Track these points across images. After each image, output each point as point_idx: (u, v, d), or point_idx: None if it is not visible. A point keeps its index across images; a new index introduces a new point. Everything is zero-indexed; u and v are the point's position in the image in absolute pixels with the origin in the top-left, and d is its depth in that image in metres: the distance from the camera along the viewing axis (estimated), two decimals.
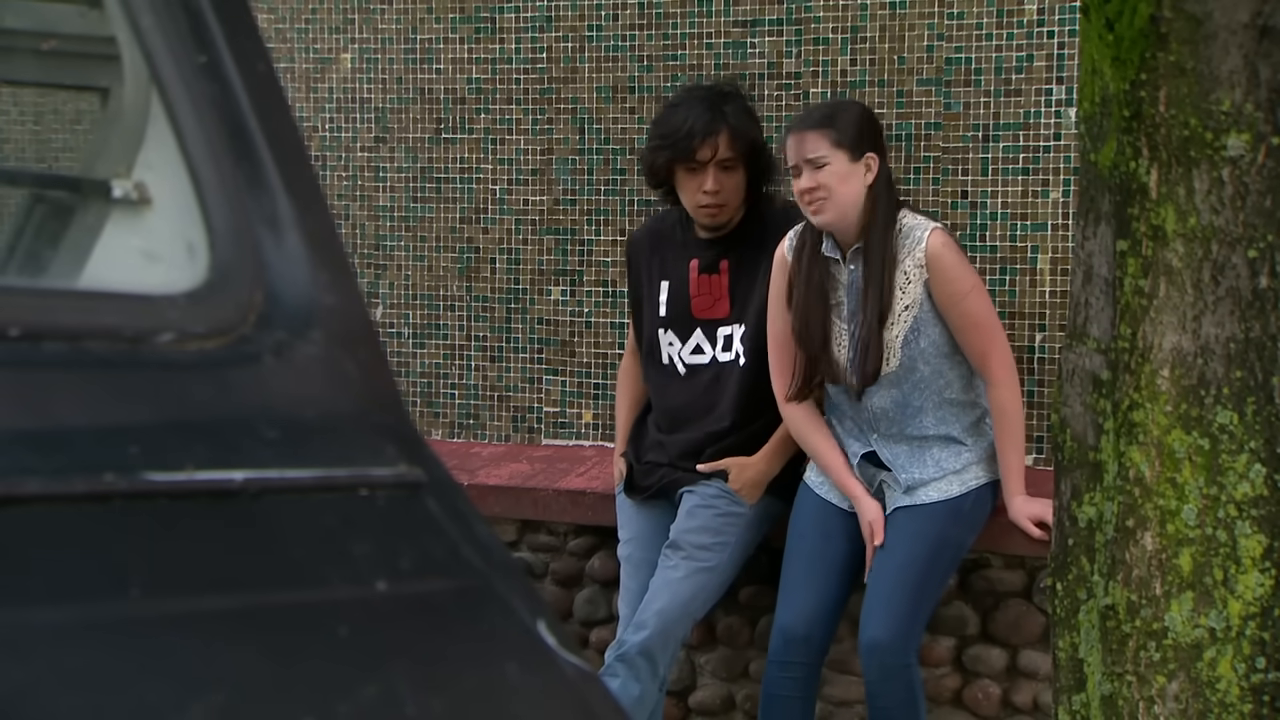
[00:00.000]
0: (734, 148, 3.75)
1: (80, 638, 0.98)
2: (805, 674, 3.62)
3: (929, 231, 3.49)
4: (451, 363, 4.61)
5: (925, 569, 3.54)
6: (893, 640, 3.45)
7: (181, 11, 1.25)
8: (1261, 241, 2.23)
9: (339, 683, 1.07)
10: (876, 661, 3.46)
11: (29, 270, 1.44)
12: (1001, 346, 3.53)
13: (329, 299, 1.25)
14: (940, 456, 3.58)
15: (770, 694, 3.63)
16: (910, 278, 3.49)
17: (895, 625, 3.46)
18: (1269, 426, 2.25)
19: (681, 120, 3.74)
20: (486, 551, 1.23)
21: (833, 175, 3.47)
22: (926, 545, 3.54)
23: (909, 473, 3.58)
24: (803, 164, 3.49)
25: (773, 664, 3.62)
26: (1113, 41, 2.26)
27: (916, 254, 3.48)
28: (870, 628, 3.48)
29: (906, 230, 3.50)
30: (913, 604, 3.50)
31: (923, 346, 3.51)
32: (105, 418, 1.11)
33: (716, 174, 3.74)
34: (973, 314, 3.50)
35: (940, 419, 3.58)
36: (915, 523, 3.56)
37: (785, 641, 3.60)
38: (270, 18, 4.73)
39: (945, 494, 3.57)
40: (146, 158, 1.27)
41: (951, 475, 3.58)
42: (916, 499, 3.57)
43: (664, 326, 3.95)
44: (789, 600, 3.64)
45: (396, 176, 4.64)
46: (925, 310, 3.50)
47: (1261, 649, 2.27)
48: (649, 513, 3.91)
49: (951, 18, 3.94)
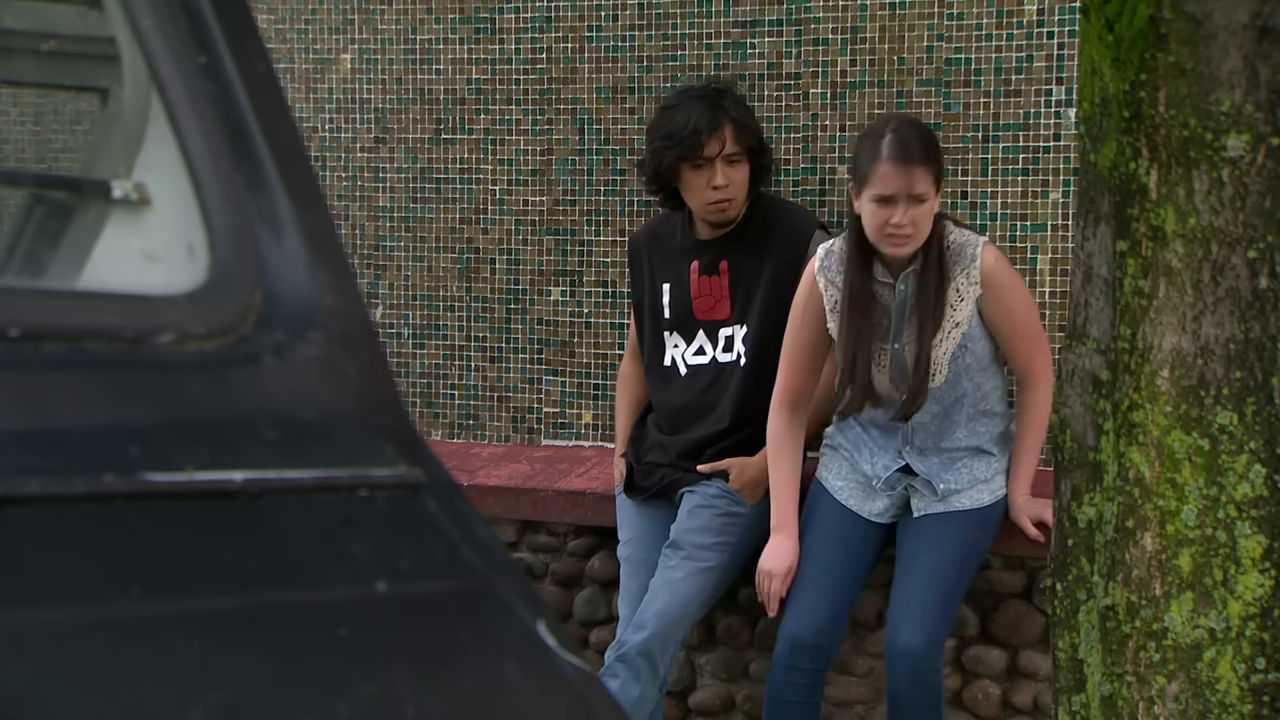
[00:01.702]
0: (739, 141, 3.77)
1: (80, 638, 0.98)
2: (812, 680, 3.59)
3: (980, 248, 3.46)
4: (451, 363, 4.61)
5: (955, 575, 3.53)
6: (925, 647, 3.43)
7: (181, 12, 1.25)
8: (1261, 242, 2.22)
9: (339, 683, 1.07)
10: (908, 667, 3.43)
11: (29, 271, 1.44)
12: (1045, 350, 3.53)
13: (329, 299, 1.25)
14: (972, 466, 3.58)
15: (776, 698, 3.60)
16: (963, 295, 3.46)
17: (927, 632, 3.44)
18: (1269, 427, 2.25)
19: (684, 119, 3.75)
20: (486, 552, 1.23)
21: (927, 211, 3.40)
22: (956, 551, 3.53)
23: (945, 482, 3.57)
24: (906, 198, 3.37)
25: (779, 668, 3.59)
26: (1112, 42, 2.26)
27: (971, 272, 3.44)
28: (903, 635, 3.44)
29: (957, 247, 3.46)
30: (942, 610, 3.49)
31: (968, 363, 3.50)
32: (105, 418, 1.11)
33: (724, 168, 3.75)
34: (1024, 323, 3.51)
35: (972, 431, 3.57)
36: (945, 530, 3.54)
37: (792, 647, 3.57)
38: (270, 18, 4.73)
39: (977, 502, 3.57)
40: (146, 158, 1.27)
41: (981, 484, 3.58)
42: (948, 506, 3.56)
43: (669, 329, 3.95)
44: (801, 606, 3.60)
45: (396, 177, 4.64)
46: (972, 326, 3.48)
47: (1261, 649, 2.27)
48: (649, 513, 3.91)
49: (951, 18, 3.94)
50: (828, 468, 3.73)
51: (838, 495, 3.68)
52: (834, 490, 3.69)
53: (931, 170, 3.39)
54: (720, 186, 3.76)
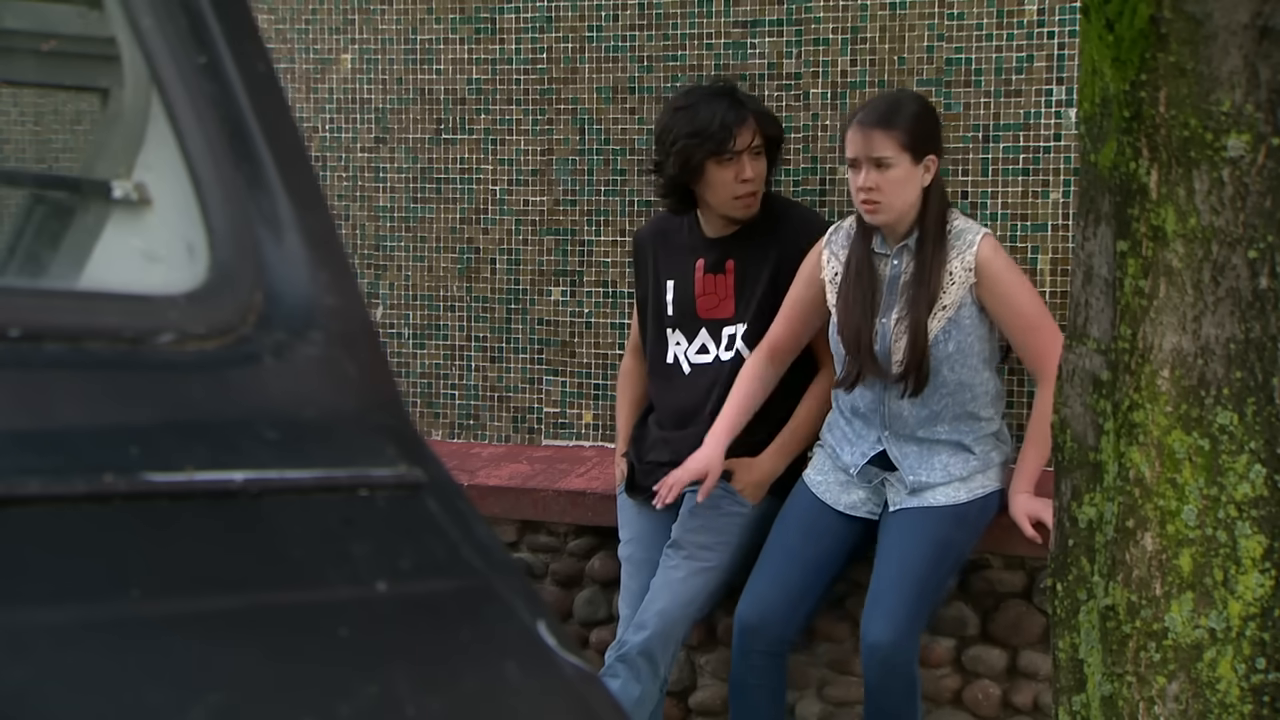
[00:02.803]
0: (762, 133, 3.82)
1: (80, 638, 0.98)
2: (767, 663, 3.63)
3: (980, 236, 3.50)
4: (451, 363, 4.61)
5: (928, 571, 3.54)
6: (895, 640, 3.45)
7: (181, 12, 1.25)
8: (1261, 242, 2.22)
9: (339, 683, 1.07)
10: (878, 661, 3.46)
11: (29, 271, 1.44)
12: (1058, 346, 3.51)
13: (329, 299, 1.25)
14: (948, 462, 3.59)
15: (733, 682, 3.68)
16: (955, 279, 3.49)
17: (897, 626, 3.46)
18: (1269, 427, 2.25)
19: (710, 115, 3.77)
20: (486, 552, 1.23)
21: (894, 177, 3.46)
22: (930, 547, 3.54)
23: (916, 474, 3.58)
24: (866, 161, 3.47)
25: (735, 653, 3.66)
26: (1113, 42, 2.26)
27: (967, 257, 3.48)
28: (873, 629, 3.48)
29: (958, 232, 3.51)
30: (914, 605, 3.50)
31: (950, 350, 3.50)
32: (105, 418, 1.11)
33: (750, 160, 3.78)
34: (1028, 315, 3.51)
35: (954, 429, 3.58)
36: (919, 525, 3.55)
37: (740, 629, 3.64)
38: (270, 18, 4.73)
39: (952, 499, 3.58)
40: (146, 158, 1.27)
41: (958, 482, 3.58)
42: (923, 501, 3.57)
43: (671, 326, 3.95)
44: (750, 589, 3.67)
45: (396, 177, 4.64)
46: (962, 314, 3.49)
47: (1261, 649, 2.27)
48: (650, 513, 3.91)
49: (951, 18, 3.94)
50: (813, 465, 3.76)
51: (814, 489, 3.71)
52: (812, 485, 3.73)
53: (894, 135, 3.45)
54: (748, 179, 3.78)
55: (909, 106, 3.54)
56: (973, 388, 3.56)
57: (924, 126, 3.51)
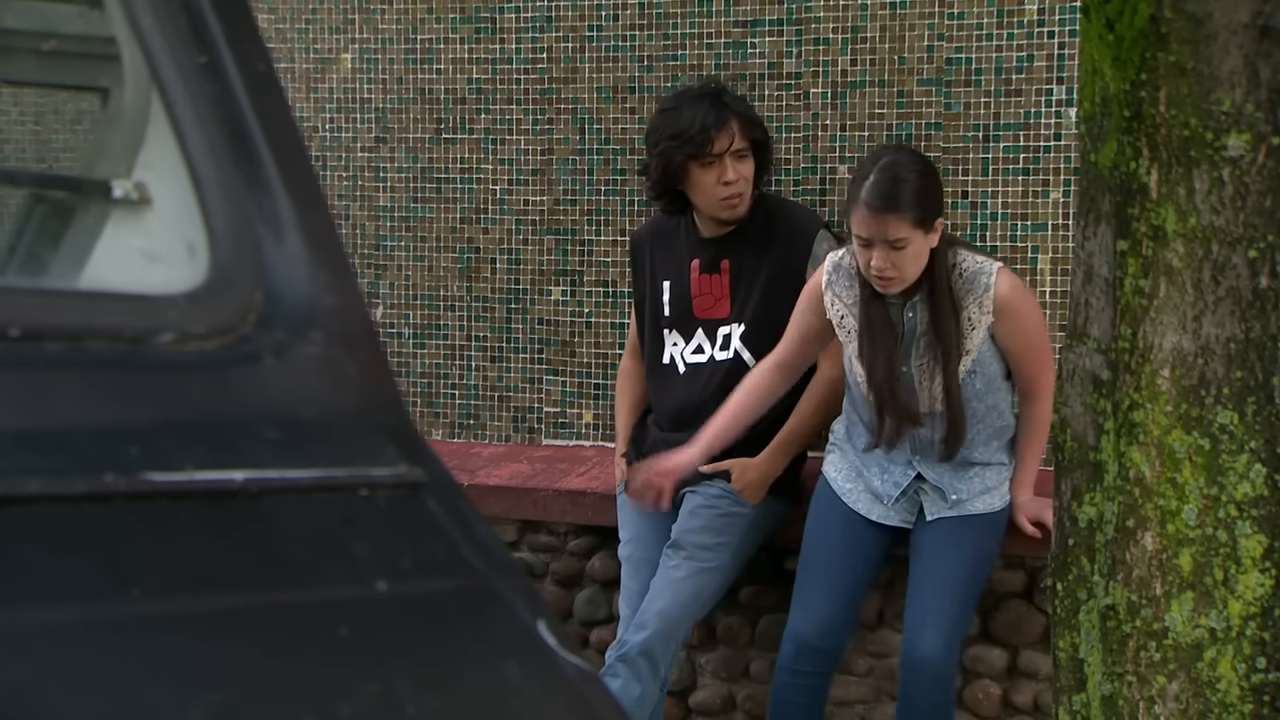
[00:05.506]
0: (745, 135, 3.79)
1: (80, 638, 0.98)
2: (816, 682, 3.58)
3: (994, 277, 3.40)
4: (451, 363, 4.61)
5: (970, 580, 3.52)
6: (944, 654, 3.42)
7: (181, 12, 1.25)
8: (1262, 241, 2.22)
9: (339, 683, 1.07)
10: (927, 674, 3.42)
11: (29, 270, 1.44)
12: (1051, 367, 3.46)
13: (329, 299, 1.25)
14: (984, 474, 3.57)
15: (780, 699, 3.59)
16: (974, 324, 3.42)
17: (945, 638, 3.43)
18: (1269, 427, 2.25)
19: (690, 118, 3.77)
20: (486, 551, 1.23)
21: (910, 254, 3.34)
22: (972, 555, 3.52)
23: (957, 491, 3.56)
24: (880, 243, 3.33)
25: (784, 670, 3.58)
26: (1113, 41, 2.26)
27: (985, 301, 3.40)
28: (922, 642, 3.43)
29: (970, 275, 3.40)
30: (960, 616, 3.48)
31: (979, 387, 3.48)
32: (105, 418, 1.11)
33: (733, 163, 3.77)
34: (1036, 346, 3.49)
35: (987, 447, 3.56)
36: (959, 534, 3.53)
37: (798, 650, 3.56)
38: (270, 18, 4.73)
39: (989, 507, 3.56)
40: (146, 158, 1.27)
41: (993, 490, 3.58)
42: (961, 510, 3.55)
43: (668, 326, 3.95)
44: (807, 608, 3.59)
45: (396, 176, 4.64)
46: (982, 351, 3.45)
47: (1262, 649, 2.27)
48: (650, 513, 3.91)
49: (951, 18, 3.94)
50: (834, 465, 3.71)
51: (845, 498, 3.66)
52: (841, 493, 3.67)
53: (910, 216, 3.30)
54: (730, 182, 3.77)
55: (911, 180, 3.34)
56: (998, 406, 3.54)
57: (930, 196, 3.36)
